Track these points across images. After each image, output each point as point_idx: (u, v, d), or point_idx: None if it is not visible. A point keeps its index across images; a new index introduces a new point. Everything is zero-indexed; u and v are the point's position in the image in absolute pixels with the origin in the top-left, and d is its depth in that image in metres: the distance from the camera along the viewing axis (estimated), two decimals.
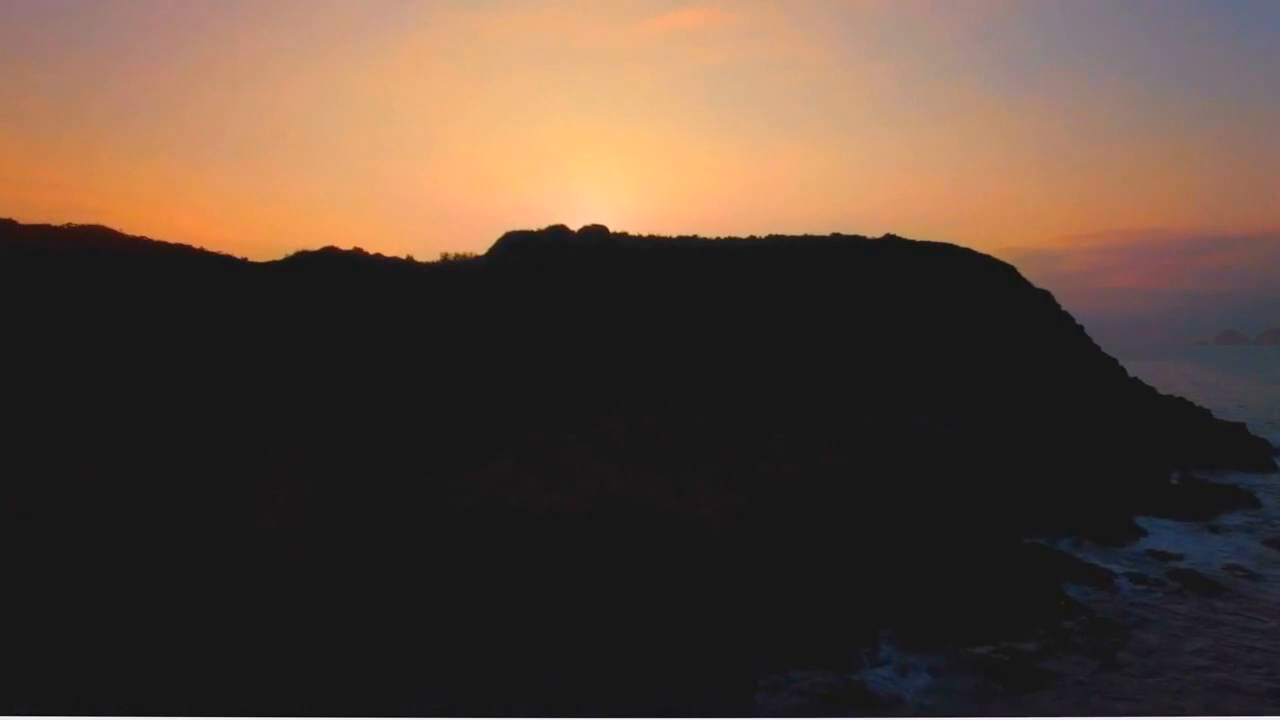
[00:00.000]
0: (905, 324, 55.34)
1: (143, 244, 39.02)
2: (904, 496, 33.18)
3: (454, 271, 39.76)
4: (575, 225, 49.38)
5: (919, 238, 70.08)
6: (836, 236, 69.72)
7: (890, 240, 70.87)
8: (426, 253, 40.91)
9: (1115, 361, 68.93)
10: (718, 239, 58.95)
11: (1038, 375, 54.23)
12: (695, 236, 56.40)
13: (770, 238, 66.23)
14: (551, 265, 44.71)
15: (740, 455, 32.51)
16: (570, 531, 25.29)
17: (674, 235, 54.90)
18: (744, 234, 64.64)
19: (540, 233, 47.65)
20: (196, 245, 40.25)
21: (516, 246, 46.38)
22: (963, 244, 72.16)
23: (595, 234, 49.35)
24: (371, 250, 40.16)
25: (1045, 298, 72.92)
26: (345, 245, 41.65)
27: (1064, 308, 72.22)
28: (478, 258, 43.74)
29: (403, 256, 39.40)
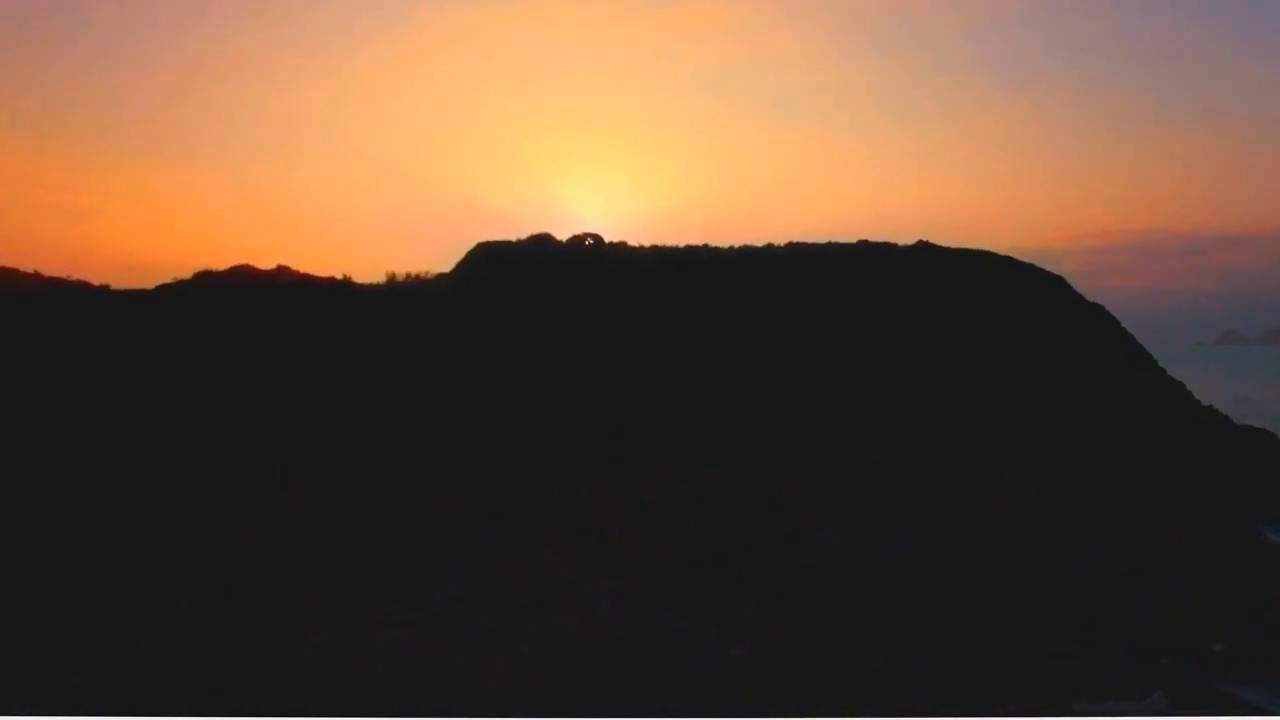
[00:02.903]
0: (960, 350, 47.10)
1: None
2: (1001, 603, 24.79)
3: (403, 293, 31.36)
4: (563, 235, 41.08)
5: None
6: (864, 244, 61.46)
7: (923, 248, 62.74)
8: (392, 270, 32.28)
9: (1182, 386, 60.74)
10: (732, 248, 50.67)
11: (1112, 412, 45.94)
12: (706, 246, 48.10)
13: (790, 246, 58.03)
14: (532, 284, 36.33)
15: (780, 547, 24.13)
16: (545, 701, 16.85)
17: (681, 245, 46.56)
18: (759, 242, 56.60)
19: (520, 244, 39.28)
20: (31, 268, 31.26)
21: (489, 261, 38.02)
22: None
23: (587, 244, 41.01)
24: (303, 268, 31.82)
25: (1099, 313, 64.70)
26: (285, 263, 33.31)
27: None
28: (439, 276, 35.37)
29: (339, 276, 31.01)
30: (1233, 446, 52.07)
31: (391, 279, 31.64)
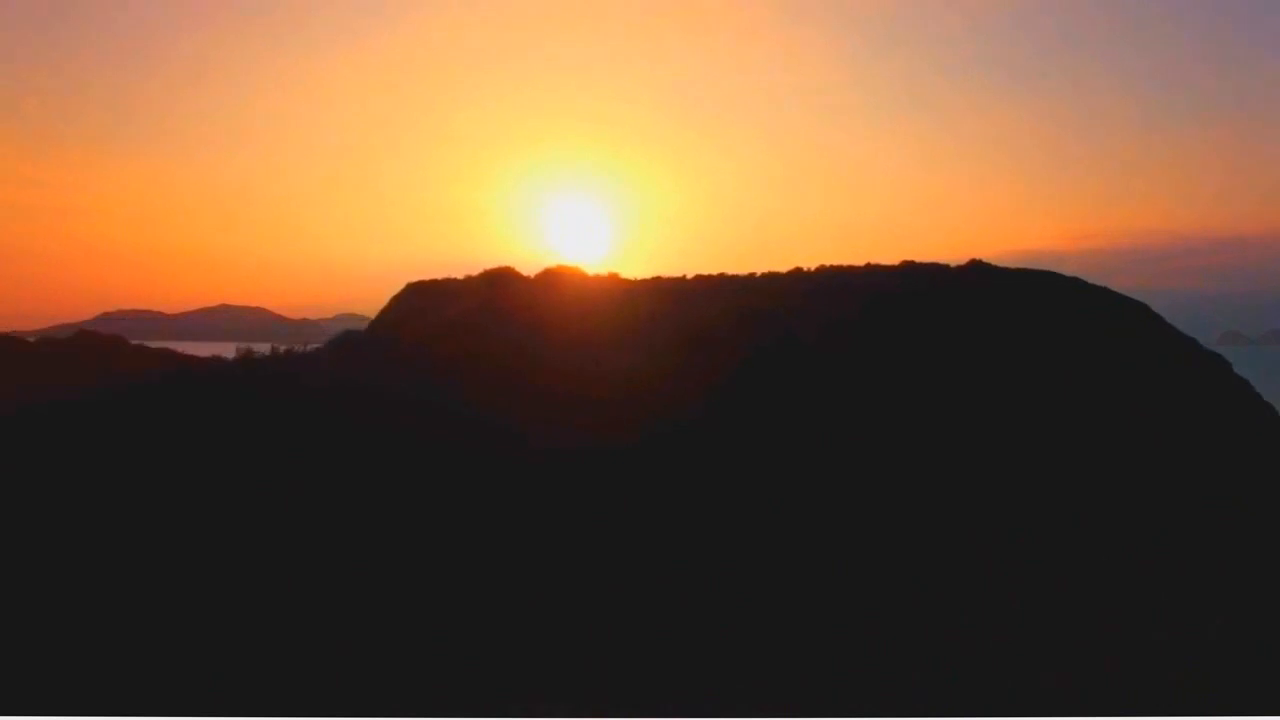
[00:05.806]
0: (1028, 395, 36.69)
1: None
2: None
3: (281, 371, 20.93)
4: (532, 268, 30.76)
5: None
6: (908, 265, 51.12)
7: (977, 268, 52.27)
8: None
9: None
10: (752, 275, 40.42)
11: (1216, 468, 35.51)
12: (723, 275, 37.93)
13: (821, 270, 47.70)
14: (481, 339, 25.97)
15: None
16: None
17: (690, 275, 36.34)
18: (783, 269, 46.32)
19: (470, 281, 28.86)
20: None
21: (427, 307, 27.63)
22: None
23: (564, 279, 30.64)
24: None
25: (1191, 347, 53.93)
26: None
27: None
28: (346, 333, 24.99)
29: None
30: None
31: (246, 355, 21.10)
